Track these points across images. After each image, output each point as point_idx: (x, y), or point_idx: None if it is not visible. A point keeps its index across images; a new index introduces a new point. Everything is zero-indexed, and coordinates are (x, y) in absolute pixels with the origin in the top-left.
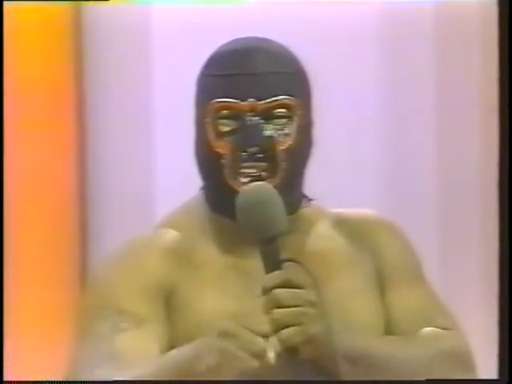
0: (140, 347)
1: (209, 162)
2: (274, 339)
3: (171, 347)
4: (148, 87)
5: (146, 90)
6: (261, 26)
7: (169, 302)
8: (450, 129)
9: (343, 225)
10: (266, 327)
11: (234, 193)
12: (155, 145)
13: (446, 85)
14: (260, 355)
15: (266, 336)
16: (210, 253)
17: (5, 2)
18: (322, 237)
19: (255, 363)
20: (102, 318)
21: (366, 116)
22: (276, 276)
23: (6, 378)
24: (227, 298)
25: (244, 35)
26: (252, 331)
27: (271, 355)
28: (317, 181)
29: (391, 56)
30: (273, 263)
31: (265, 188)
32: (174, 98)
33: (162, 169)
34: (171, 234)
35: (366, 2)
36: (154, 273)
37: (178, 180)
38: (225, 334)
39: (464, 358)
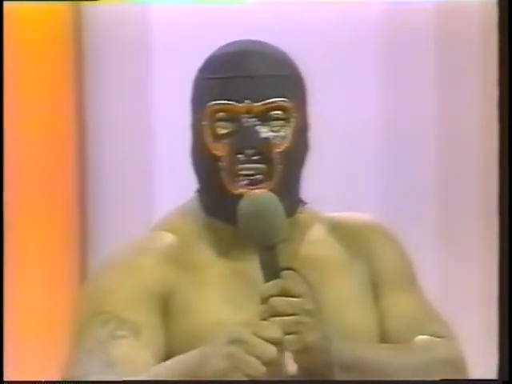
0: (136, 356)
1: (206, 164)
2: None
3: (169, 353)
4: (148, 87)
5: (146, 90)
6: (260, 27)
7: (166, 306)
8: (450, 129)
9: (338, 230)
10: (277, 334)
11: (230, 196)
12: (155, 144)
13: (446, 85)
14: (270, 362)
15: (277, 343)
16: (206, 256)
17: (5, 2)
18: (317, 243)
19: (264, 369)
20: (99, 325)
21: (365, 118)
22: (273, 285)
23: (6, 378)
24: (224, 302)
25: (243, 36)
26: (263, 338)
27: (282, 363)
28: (314, 184)
29: (391, 57)
30: (271, 271)
31: (267, 195)
32: (173, 97)
33: (162, 169)
34: (167, 238)
35: (366, 2)
36: (151, 278)
37: (178, 180)
38: (235, 340)
39: (458, 365)
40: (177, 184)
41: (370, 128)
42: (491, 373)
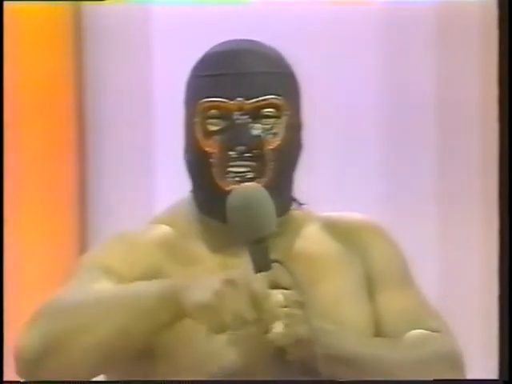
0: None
1: (197, 161)
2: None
3: (155, 344)
4: (148, 87)
5: (146, 90)
6: (261, 27)
7: None
8: (450, 129)
9: (332, 228)
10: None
11: (222, 192)
12: (155, 144)
13: (446, 85)
14: (251, 321)
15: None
16: (198, 252)
17: (5, 2)
18: (311, 239)
19: (250, 317)
20: (88, 270)
21: (366, 117)
22: (262, 278)
23: (6, 378)
24: None
25: (244, 35)
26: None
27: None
28: (311, 183)
29: (391, 56)
30: (261, 264)
31: (256, 189)
32: (173, 97)
33: (162, 168)
34: (163, 229)
35: (366, 2)
36: (145, 258)
37: (178, 179)
38: (230, 282)
39: (453, 360)
40: (177, 183)
41: (369, 128)
42: (491, 373)
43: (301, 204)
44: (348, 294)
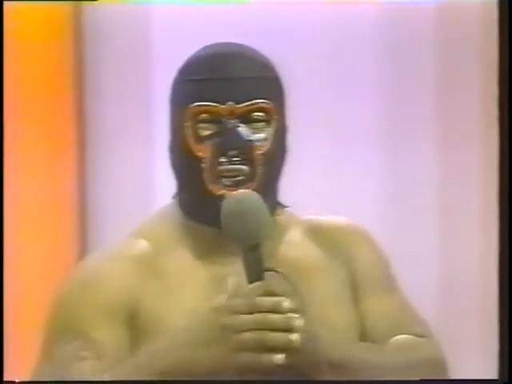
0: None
1: (188, 165)
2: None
3: None
4: (148, 87)
5: (146, 90)
6: (260, 26)
7: (137, 316)
8: (450, 130)
9: (316, 232)
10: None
11: (212, 197)
12: (155, 144)
13: (446, 86)
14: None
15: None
16: (184, 261)
17: (5, 2)
18: (295, 244)
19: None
20: (66, 341)
21: (366, 117)
22: (258, 286)
23: (6, 377)
24: (202, 307)
25: (244, 35)
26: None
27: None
28: (309, 184)
29: (390, 57)
30: (255, 272)
31: (250, 194)
32: None
33: (162, 168)
34: (140, 245)
35: (366, 2)
36: (121, 291)
37: None
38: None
39: (439, 365)
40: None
41: (369, 128)
42: (491, 373)
43: (284, 207)
44: (331, 299)
